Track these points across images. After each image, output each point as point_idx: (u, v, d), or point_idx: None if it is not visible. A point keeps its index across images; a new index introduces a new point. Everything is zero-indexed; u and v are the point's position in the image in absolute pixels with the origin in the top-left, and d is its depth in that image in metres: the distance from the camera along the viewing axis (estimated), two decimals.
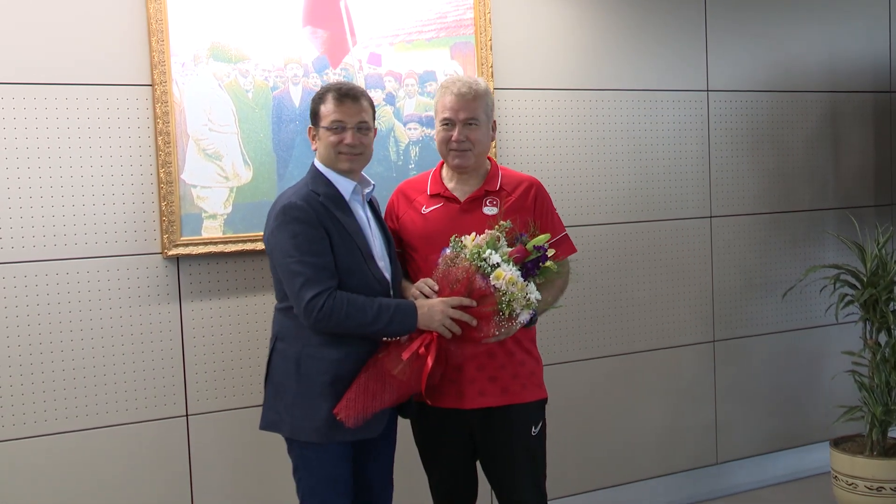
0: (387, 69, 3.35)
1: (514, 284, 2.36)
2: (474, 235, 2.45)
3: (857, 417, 3.89)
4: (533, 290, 2.41)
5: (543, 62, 3.71)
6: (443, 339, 2.43)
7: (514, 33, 3.63)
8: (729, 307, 4.18)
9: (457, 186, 2.69)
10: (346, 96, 2.48)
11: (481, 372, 2.58)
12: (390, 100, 3.36)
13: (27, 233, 2.87)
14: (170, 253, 3.01)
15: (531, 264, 2.43)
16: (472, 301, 2.40)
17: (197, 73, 3.04)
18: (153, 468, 3.06)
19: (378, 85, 3.33)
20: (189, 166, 3.04)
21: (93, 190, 2.94)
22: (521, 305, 2.39)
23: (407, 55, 3.38)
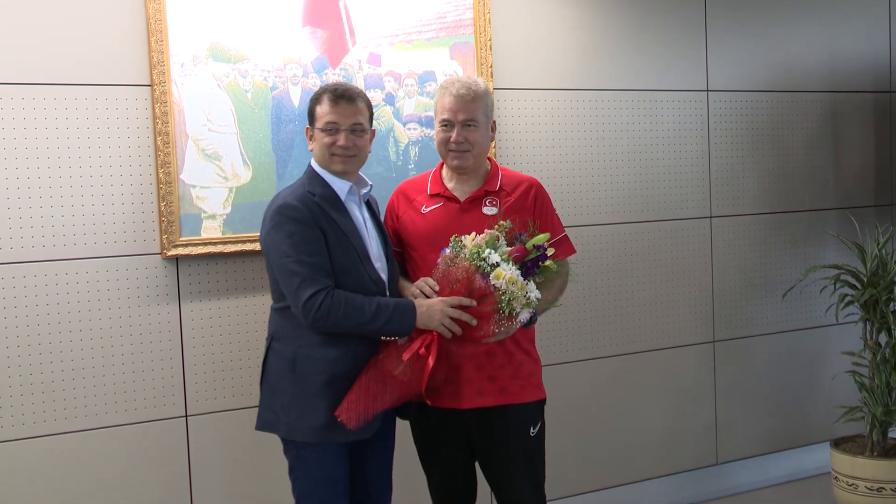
0: (386, 69, 3.34)
1: (513, 283, 2.36)
2: (474, 235, 2.44)
3: (858, 418, 3.88)
4: (533, 289, 2.41)
5: (543, 62, 3.70)
6: (443, 340, 2.42)
7: (514, 33, 3.62)
8: (729, 307, 4.18)
9: (457, 186, 2.68)
10: (342, 98, 2.48)
11: (480, 372, 2.58)
12: (390, 100, 3.35)
13: (26, 233, 2.86)
14: (169, 253, 3.01)
15: (531, 263, 2.43)
16: (472, 301, 2.40)
17: (196, 74, 3.04)
18: (152, 469, 3.05)
19: (377, 85, 3.33)
20: (188, 166, 3.03)
21: (92, 190, 2.94)
22: (521, 304, 2.39)
23: (406, 55, 3.37)
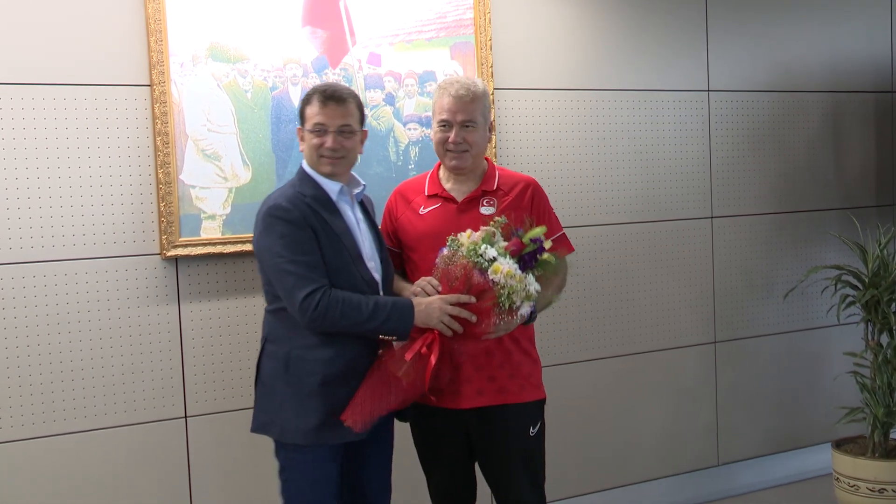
0: (386, 69, 3.34)
1: (512, 277, 2.35)
2: (469, 233, 2.44)
3: (859, 419, 3.88)
4: (532, 282, 2.40)
5: (543, 62, 3.70)
6: (445, 338, 2.42)
7: (514, 33, 3.62)
8: (730, 308, 4.17)
9: (454, 187, 2.68)
10: (330, 99, 2.46)
11: (480, 372, 2.58)
12: (390, 100, 3.35)
13: (25, 233, 2.86)
14: (168, 254, 3.01)
15: (528, 257, 2.42)
16: (471, 297, 2.39)
17: (196, 74, 3.03)
18: (152, 470, 3.05)
19: (378, 85, 3.32)
20: (188, 167, 3.03)
21: (91, 190, 2.93)
22: (521, 298, 2.38)
23: (407, 55, 3.37)
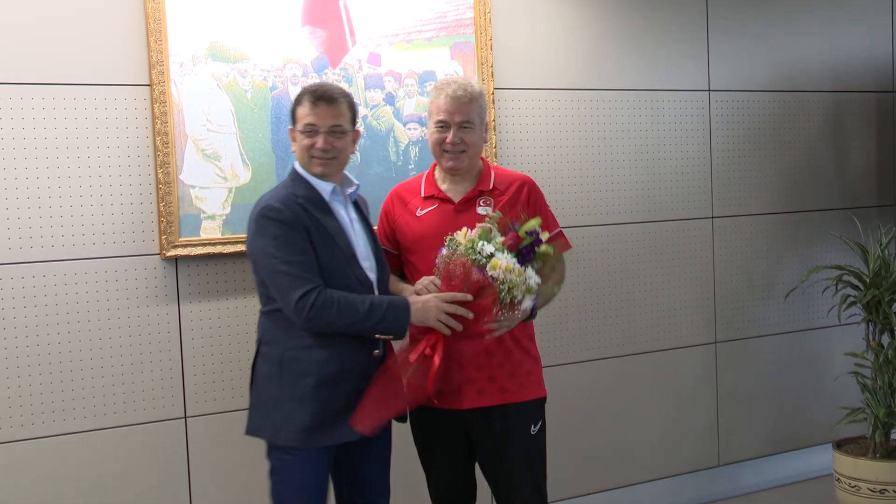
0: (386, 69, 3.33)
1: (511, 272, 2.35)
2: (465, 230, 2.43)
3: (860, 419, 3.87)
4: (532, 275, 2.40)
5: (544, 62, 3.69)
6: (449, 339, 2.42)
7: (515, 33, 3.61)
8: (731, 308, 4.16)
9: (450, 187, 2.68)
10: (321, 99, 2.45)
11: (480, 372, 2.57)
12: (390, 100, 3.34)
13: (25, 233, 2.85)
14: (168, 254, 3.00)
15: (526, 250, 2.42)
16: (467, 295, 2.38)
17: (195, 73, 3.03)
18: (151, 470, 3.05)
19: (378, 85, 3.32)
20: (187, 167, 3.02)
21: (91, 190, 2.93)
22: (522, 291, 2.37)
23: (406, 55, 3.36)
